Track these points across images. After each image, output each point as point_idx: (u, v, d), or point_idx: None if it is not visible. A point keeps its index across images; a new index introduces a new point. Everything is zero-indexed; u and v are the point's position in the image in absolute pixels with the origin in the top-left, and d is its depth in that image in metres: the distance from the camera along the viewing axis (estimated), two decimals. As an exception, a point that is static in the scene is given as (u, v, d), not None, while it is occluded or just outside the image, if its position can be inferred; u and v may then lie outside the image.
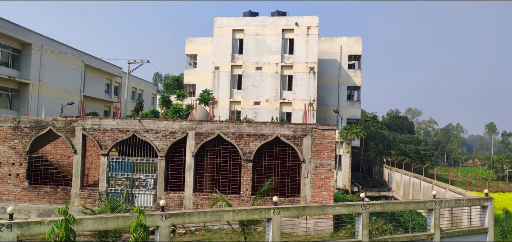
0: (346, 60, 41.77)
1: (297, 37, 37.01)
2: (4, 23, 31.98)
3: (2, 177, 17.02)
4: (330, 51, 41.65)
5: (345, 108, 41.05)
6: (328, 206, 11.96)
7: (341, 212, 12.46)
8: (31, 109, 32.94)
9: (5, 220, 8.20)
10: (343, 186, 34.21)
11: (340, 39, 42.07)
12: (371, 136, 50.40)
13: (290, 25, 37.25)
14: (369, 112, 66.38)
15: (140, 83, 60.47)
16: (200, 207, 16.34)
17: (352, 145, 36.06)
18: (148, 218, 9.07)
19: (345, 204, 12.11)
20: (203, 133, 16.80)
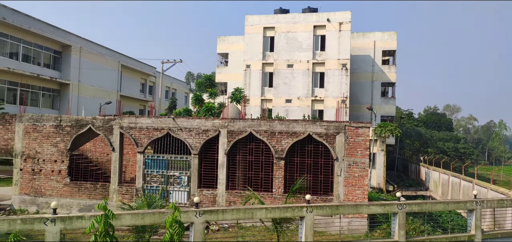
0: (379, 56, 40.74)
1: (329, 34, 36.48)
2: (45, 26, 33.59)
3: (45, 173, 17.90)
4: (363, 47, 40.77)
5: (379, 105, 40.07)
6: (362, 205, 11.72)
7: (376, 212, 12.18)
8: (72, 108, 34.43)
9: (49, 214, 8.61)
10: (378, 185, 33.44)
11: (374, 34, 41.07)
12: (407, 133, 48.93)
13: (321, 21, 36.78)
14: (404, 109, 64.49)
15: (173, 83, 61.78)
16: (232, 204, 16.48)
17: (386, 143, 35.15)
18: (183, 214, 9.23)
19: (381, 203, 11.82)
20: (235, 131, 16.92)
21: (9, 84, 31.13)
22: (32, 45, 33.14)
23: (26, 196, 17.87)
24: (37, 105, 33.65)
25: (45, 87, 34.95)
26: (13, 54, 31.54)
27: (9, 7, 29.82)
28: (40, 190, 17.82)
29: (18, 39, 31.62)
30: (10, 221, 8.30)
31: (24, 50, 32.52)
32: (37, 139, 17.99)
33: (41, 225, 8.39)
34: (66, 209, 17.32)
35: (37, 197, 17.79)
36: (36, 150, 17.98)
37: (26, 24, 31.22)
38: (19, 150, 18.06)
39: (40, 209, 17.52)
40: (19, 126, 18.13)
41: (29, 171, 17.95)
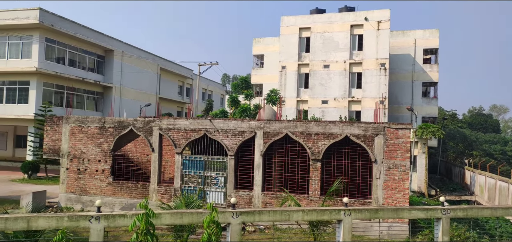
0: (420, 55, 39.28)
1: (367, 33, 35.65)
2: (90, 32, 35.21)
3: (90, 173, 18.74)
4: (403, 46, 39.47)
5: (420, 106, 38.63)
6: (403, 209, 11.32)
7: (417, 216, 11.73)
8: (114, 110, 35.86)
9: (94, 212, 8.97)
10: (419, 189, 32.24)
11: (414, 32, 39.67)
12: (450, 135, 46.82)
13: (359, 20, 36.02)
14: (447, 110, 61.79)
15: (209, 85, 62.79)
16: (268, 206, 16.47)
17: (428, 145, 33.80)
18: (220, 215, 9.32)
19: (423, 208, 11.36)
20: (271, 132, 16.90)
21: (56, 88, 32.89)
22: (77, 50, 34.85)
23: (72, 194, 18.79)
24: (82, 108, 35.32)
25: (89, 90, 36.63)
26: (60, 59, 33.31)
27: (57, 15, 31.53)
28: (85, 189, 18.67)
29: (65, 44, 33.36)
30: (58, 218, 8.73)
31: (70, 55, 34.25)
32: (82, 140, 18.87)
33: (86, 222, 8.76)
34: (109, 207, 18.02)
35: (82, 195, 18.66)
36: (81, 150, 18.86)
37: (72, 30, 32.87)
38: (66, 150, 19.02)
39: (84, 207, 18.35)
40: (66, 127, 19.09)
41: (74, 170, 18.86)
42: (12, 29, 30.45)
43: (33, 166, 27.30)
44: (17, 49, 31.30)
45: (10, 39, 31.19)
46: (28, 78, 30.59)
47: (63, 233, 7.59)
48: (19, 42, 31.20)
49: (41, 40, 30.71)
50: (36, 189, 20.16)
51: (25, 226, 8.64)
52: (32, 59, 30.38)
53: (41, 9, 29.76)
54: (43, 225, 8.76)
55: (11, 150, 36.92)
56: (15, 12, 30.19)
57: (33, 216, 8.73)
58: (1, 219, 8.38)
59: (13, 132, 36.87)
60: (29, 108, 30.18)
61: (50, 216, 8.95)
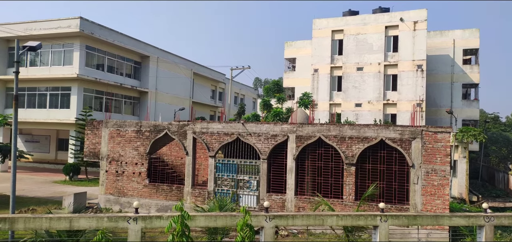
0: (460, 56, 37.71)
1: (402, 34, 34.70)
2: (127, 39, 36.45)
3: (127, 175, 19.34)
4: (441, 47, 38.05)
5: (460, 109, 37.05)
6: (443, 216, 10.86)
7: (459, 223, 11.23)
8: (149, 115, 36.88)
9: (131, 213, 9.23)
10: (459, 195, 30.89)
11: (453, 32, 38.16)
12: (492, 139, 44.57)
13: (394, 21, 35.12)
14: (489, 113, 58.95)
15: (241, 89, 63.26)
16: (301, 210, 16.33)
17: (469, 149, 32.35)
18: (253, 218, 9.33)
19: (464, 215, 10.86)
20: (304, 136, 16.77)
21: (96, 93, 34.28)
22: (115, 57, 36.17)
23: (110, 196, 19.46)
24: (120, 112, 36.59)
25: (126, 95, 37.90)
26: (99, 65, 34.70)
27: (97, 23, 32.89)
28: (123, 191, 19.28)
29: (103, 51, 34.73)
30: (98, 219, 9.04)
31: (109, 61, 35.61)
32: (120, 143, 19.52)
33: (125, 223, 9.01)
34: (145, 209, 18.50)
35: (120, 197, 19.27)
36: (119, 153, 19.51)
37: (110, 38, 34.17)
38: (105, 153, 19.74)
39: (122, 208, 18.94)
40: (105, 131, 19.83)
41: (113, 173, 19.53)
42: (55, 37, 32.06)
43: (74, 168, 28.54)
44: (59, 56, 32.91)
45: (53, 48, 32.85)
46: (70, 84, 32.06)
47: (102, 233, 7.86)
48: (62, 50, 32.80)
49: (82, 48, 32.13)
50: (77, 191, 21.05)
51: (68, 226, 9.01)
52: (73, 66, 31.83)
53: (81, 18, 31.15)
54: (84, 225, 9.11)
55: (54, 152, 38.81)
56: (58, 22, 31.78)
57: (75, 217, 9.10)
58: (46, 219, 8.80)
59: (56, 136, 38.74)
60: (70, 113, 31.60)
61: (90, 217, 9.30)
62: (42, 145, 38.66)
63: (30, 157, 31.12)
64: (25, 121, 32.03)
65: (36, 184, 26.16)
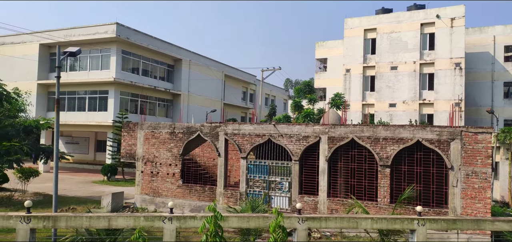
0: (501, 52, 35.97)
1: (439, 31, 33.51)
2: (160, 43, 37.38)
3: (162, 176, 19.81)
4: (480, 44, 36.44)
5: (502, 108, 35.30)
6: (485, 220, 10.37)
7: (502, 228, 10.67)
8: (182, 116, 37.61)
9: (166, 213, 9.44)
10: (502, 198, 29.38)
11: (493, 28, 36.44)
12: (538, 139, 42.02)
13: (429, 18, 33.99)
14: (534, 112, 55.63)
15: (272, 90, 63.25)
16: (334, 212, 16.10)
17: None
18: (285, 219, 9.29)
19: (508, 219, 10.32)
20: (336, 137, 16.53)
21: (131, 96, 35.37)
22: (150, 60, 37.18)
23: (146, 196, 19.99)
24: (154, 114, 37.56)
25: (160, 98, 38.85)
26: (135, 69, 35.78)
27: (132, 28, 33.95)
28: (158, 191, 19.76)
29: (138, 55, 35.78)
30: (135, 218, 9.32)
31: (143, 65, 36.65)
32: (155, 145, 20.03)
33: (160, 222, 9.23)
34: (179, 209, 18.86)
35: (155, 197, 19.76)
36: (154, 154, 20.02)
37: (145, 42, 35.17)
38: (140, 154, 20.31)
39: (157, 208, 19.41)
40: (140, 133, 20.40)
41: (148, 173, 20.06)
42: (93, 43, 33.38)
43: (112, 168, 29.56)
44: (97, 61, 34.22)
45: (92, 53, 34.20)
46: (107, 87, 33.26)
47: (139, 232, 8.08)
48: (99, 55, 34.09)
49: (118, 53, 33.25)
50: (114, 190, 21.77)
51: (107, 224, 9.34)
52: (110, 70, 33.00)
53: (118, 23, 32.25)
54: (122, 224, 9.41)
55: (92, 153, 40.38)
56: (95, 28, 33.07)
57: (113, 216, 9.42)
58: (86, 218, 9.17)
59: (94, 137, 40.29)
60: (108, 115, 32.77)
61: (128, 216, 9.59)
62: (82, 146, 40.33)
63: (70, 158, 32.55)
64: (66, 124, 33.52)
65: (76, 184, 27.31)
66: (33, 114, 32.70)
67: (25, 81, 34.15)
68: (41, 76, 35.33)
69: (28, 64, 34.93)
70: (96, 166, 36.39)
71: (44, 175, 28.66)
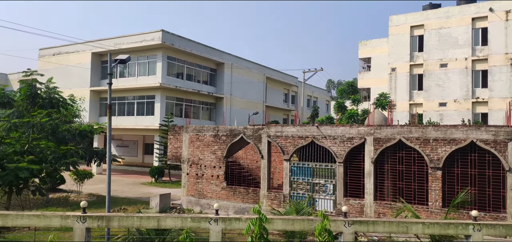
0: None
1: (492, 25, 31.56)
2: (203, 48, 38.25)
3: (206, 178, 20.22)
4: (541, 36, 33.81)
5: None
6: (550, 228, 9.59)
7: None
8: (225, 119, 38.21)
9: (212, 214, 9.62)
10: None
11: (555, 19, 33.66)
12: None
13: (481, 12, 32.11)
14: None
15: (314, 91, 62.57)
16: (381, 216, 15.60)
17: None
18: (331, 223, 9.15)
19: None
20: (382, 138, 16.02)
21: (176, 100, 36.47)
22: (193, 65, 38.16)
23: (191, 197, 20.50)
24: (198, 118, 38.46)
25: (203, 102, 39.74)
26: (179, 74, 36.87)
27: (177, 35, 35.05)
28: (203, 193, 20.19)
29: (182, 61, 36.85)
30: (182, 219, 9.59)
31: (187, 70, 37.68)
32: (199, 147, 20.49)
33: (206, 223, 9.43)
34: (224, 211, 19.14)
35: (200, 198, 20.20)
36: (198, 157, 20.48)
37: (189, 47, 36.15)
38: (186, 157, 20.86)
39: (203, 209, 19.83)
40: (185, 136, 20.96)
41: (193, 175, 20.56)
42: (140, 50, 34.81)
43: (159, 170, 30.62)
44: (144, 67, 35.65)
45: (139, 60, 35.68)
46: (154, 92, 34.54)
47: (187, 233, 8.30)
48: (146, 61, 35.50)
49: (164, 58, 34.44)
50: (162, 192, 22.53)
51: (156, 224, 9.69)
52: (156, 75, 34.25)
53: (163, 30, 33.42)
54: (170, 224, 9.71)
55: (141, 156, 42.07)
56: (142, 35, 34.49)
57: (162, 216, 9.75)
58: (137, 218, 9.56)
59: (142, 141, 41.98)
60: (155, 119, 34.01)
61: (176, 217, 9.89)
62: (131, 149, 42.15)
63: (121, 161, 34.11)
64: (116, 128, 35.18)
65: (126, 185, 28.56)
66: (86, 120, 34.64)
67: (79, 88, 36.26)
68: (93, 83, 37.39)
69: (81, 72, 37.11)
70: (144, 168, 37.87)
71: (97, 176, 30.23)
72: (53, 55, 40.10)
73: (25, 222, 9.48)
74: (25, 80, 19.25)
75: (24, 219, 9.44)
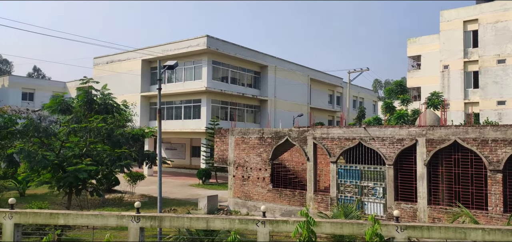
0: None
1: (559, 15, 29.03)
2: (247, 51, 38.62)
3: (252, 180, 20.36)
4: None
5: None
6: None
7: None
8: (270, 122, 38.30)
9: (259, 216, 9.66)
10: None
11: None
12: None
13: (545, 1, 29.65)
14: None
15: (360, 92, 61.05)
16: (436, 221, 14.85)
17: None
18: (382, 227, 8.86)
19: None
20: (436, 140, 15.26)
21: (221, 104, 37.12)
22: (237, 69, 38.66)
23: (238, 199, 20.74)
24: (242, 120, 38.89)
25: (248, 104, 40.10)
26: (224, 78, 37.51)
27: (221, 39, 35.69)
28: (249, 195, 20.36)
29: (227, 65, 37.45)
30: (230, 220, 9.70)
31: (232, 73, 38.24)
32: (245, 150, 20.70)
33: (254, 225, 9.47)
34: (270, 213, 19.17)
35: (247, 200, 20.39)
36: (244, 159, 20.69)
37: (233, 51, 36.68)
38: (232, 159, 21.16)
39: (249, 211, 19.99)
40: (231, 138, 21.27)
41: (239, 178, 20.79)
42: (186, 56, 35.86)
43: (206, 172, 31.31)
44: (191, 72, 36.67)
45: (186, 65, 36.76)
46: (200, 96, 35.41)
47: (235, 234, 8.40)
48: (192, 66, 36.49)
49: (209, 63, 35.22)
50: (209, 193, 23.00)
51: (205, 225, 9.88)
52: (202, 80, 35.09)
53: (208, 36, 34.19)
54: (218, 226, 9.87)
55: (188, 158, 43.26)
56: (188, 41, 35.50)
57: (211, 218, 9.94)
58: (187, 218, 9.81)
59: (189, 143, 43.16)
60: (201, 123, 34.84)
61: (224, 218, 10.04)
62: (179, 152, 43.48)
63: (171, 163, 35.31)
64: (165, 131, 36.46)
65: (175, 186, 29.48)
66: (138, 124, 36.22)
67: (131, 94, 38.01)
68: (143, 89, 39.04)
69: (132, 78, 38.88)
70: (192, 170, 38.88)
71: (148, 178, 31.49)
72: (106, 63, 42.43)
73: (84, 221, 10.05)
74: (82, 88, 20.48)
75: (83, 218, 10.02)
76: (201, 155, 34.15)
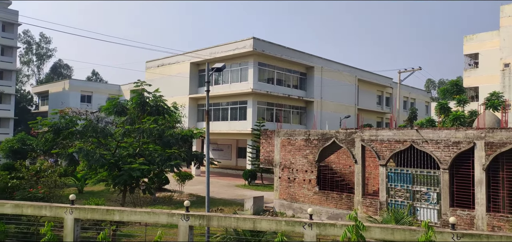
0: None
1: None
2: (293, 53, 38.47)
3: (298, 182, 20.23)
4: None
5: None
6: None
7: None
8: (316, 123, 37.84)
9: (305, 219, 9.58)
10: None
11: None
12: None
13: None
14: None
15: (411, 92, 58.61)
16: (497, 230, 13.87)
17: None
18: (437, 234, 8.44)
19: None
20: (496, 143, 14.26)
21: (267, 105, 37.25)
22: (283, 70, 38.62)
23: (284, 201, 20.69)
24: (288, 122, 38.76)
25: (293, 106, 39.91)
26: (269, 79, 37.62)
27: (267, 41, 35.85)
28: (295, 196, 20.24)
29: (272, 66, 37.53)
30: (277, 222, 9.70)
31: (277, 75, 38.26)
32: (291, 151, 20.61)
33: (300, 228, 9.41)
34: (316, 216, 18.92)
35: (293, 202, 20.28)
36: (290, 160, 20.60)
37: (278, 53, 36.70)
38: (278, 161, 21.15)
39: (295, 213, 19.87)
40: (277, 140, 21.27)
41: (285, 179, 20.73)
42: (233, 58, 36.40)
43: (252, 173, 31.57)
44: (237, 74, 37.19)
45: (232, 67, 37.34)
46: (246, 98, 35.78)
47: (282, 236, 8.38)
48: (239, 68, 36.99)
49: (255, 65, 35.50)
50: (255, 194, 23.16)
51: (251, 226, 9.97)
52: (248, 82, 35.45)
53: (254, 38, 34.47)
54: (265, 227, 9.91)
55: (234, 159, 43.86)
56: (235, 44, 36.03)
57: (257, 218, 10.00)
58: (234, 218, 9.95)
59: (235, 145, 43.75)
60: (247, 124, 35.20)
61: (270, 220, 10.06)
62: (225, 153, 44.21)
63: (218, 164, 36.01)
64: (212, 132, 37.20)
65: (222, 187, 30.01)
66: (186, 125, 37.34)
67: (180, 96, 39.26)
68: (192, 91, 40.18)
69: (181, 80, 40.16)
70: (238, 171, 39.36)
71: (196, 178, 32.31)
72: (157, 67, 44.19)
73: (138, 218, 10.52)
74: (136, 90, 21.47)
75: (136, 215, 10.50)
76: (247, 156, 34.47)
